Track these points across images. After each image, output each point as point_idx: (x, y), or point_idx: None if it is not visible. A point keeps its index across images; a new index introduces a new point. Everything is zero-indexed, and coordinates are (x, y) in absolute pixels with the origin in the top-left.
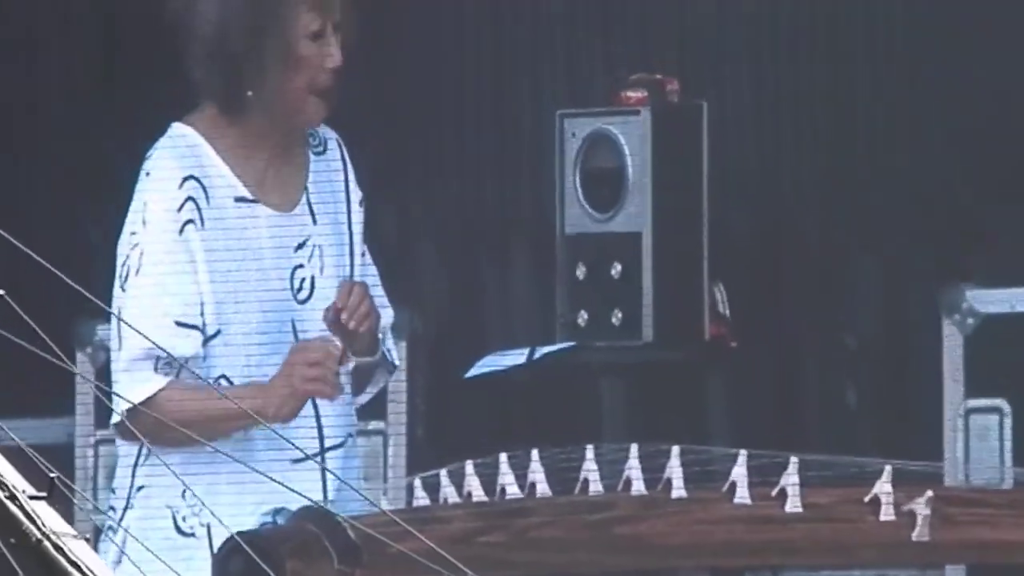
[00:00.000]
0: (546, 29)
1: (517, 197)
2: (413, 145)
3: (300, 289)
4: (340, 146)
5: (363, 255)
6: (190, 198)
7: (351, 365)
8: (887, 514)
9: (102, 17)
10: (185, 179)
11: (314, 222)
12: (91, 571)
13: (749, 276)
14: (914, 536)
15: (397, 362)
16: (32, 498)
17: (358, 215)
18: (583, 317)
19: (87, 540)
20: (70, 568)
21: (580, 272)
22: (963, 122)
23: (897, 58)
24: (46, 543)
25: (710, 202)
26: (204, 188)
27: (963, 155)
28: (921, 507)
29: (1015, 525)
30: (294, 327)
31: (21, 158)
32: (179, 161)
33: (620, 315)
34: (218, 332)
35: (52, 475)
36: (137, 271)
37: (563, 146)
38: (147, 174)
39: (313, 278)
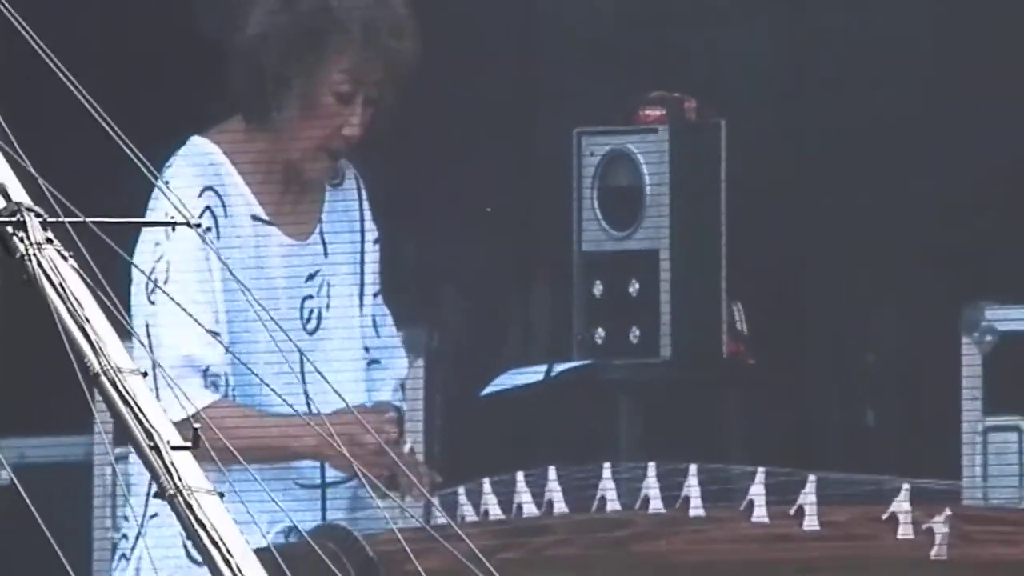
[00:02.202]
0: (565, 48)
1: (535, 215)
2: (433, 163)
3: (308, 320)
4: (358, 181)
5: (376, 296)
6: (208, 208)
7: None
8: (905, 532)
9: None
10: (204, 189)
11: (325, 254)
12: (215, 530)
13: (767, 294)
14: (932, 554)
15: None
16: (175, 448)
17: (372, 254)
18: (600, 335)
19: (221, 496)
20: (196, 526)
21: (597, 290)
22: (984, 142)
23: (917, 78)
24: (179, 498)
25: (728, 220)
26: (222, 199)
27: (983, 175)
28: (939, 525)
29: None
30: (301, 357)
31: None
32: (199, 171)
33: (638, 333)
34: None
35: (196, 426)
36: (166, 281)
37: (581, 164)
38: (166, 183)
39: (320, 311)
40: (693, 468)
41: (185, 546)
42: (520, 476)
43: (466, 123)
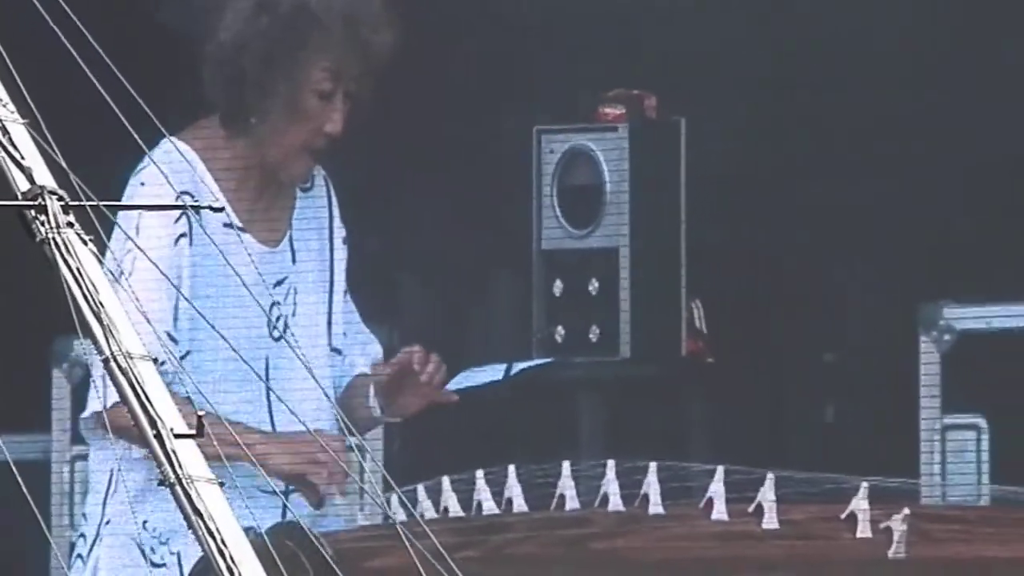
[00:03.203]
0: (525, 45)
1: (495, 213)
2: (391, 162)
3: (275, 327)
4: (327, 183)
5: (345, 293)
6: (185, 213)
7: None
8: (864, 531)
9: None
10: (181, 194)
11: (293, 261)
12: (212, 520)
13: (726, 292)
14: (890, 553)
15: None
16: (178, 436)
17: (341, 252)
18: (560, 333)
19: (221, 485)
20: (192, 515)
21: (557, 288)
22: (942, 141)
23: (877, 76)
24: (177, 487)
25: (688, 218)
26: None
27: (941, 174)
28: (898, 524)
29: (991, 542)
30: (267, 363)
31: None
32: (175, 175)
33: (597, 331)
34: (188, 352)
35: (200, 413)
36: (130, 274)
37: (541, 162)
38: (142, 184)
39: (287, 318)
40: (653, 466)
41: (141, 550)
42: (480, 474)
43: (428, 120)
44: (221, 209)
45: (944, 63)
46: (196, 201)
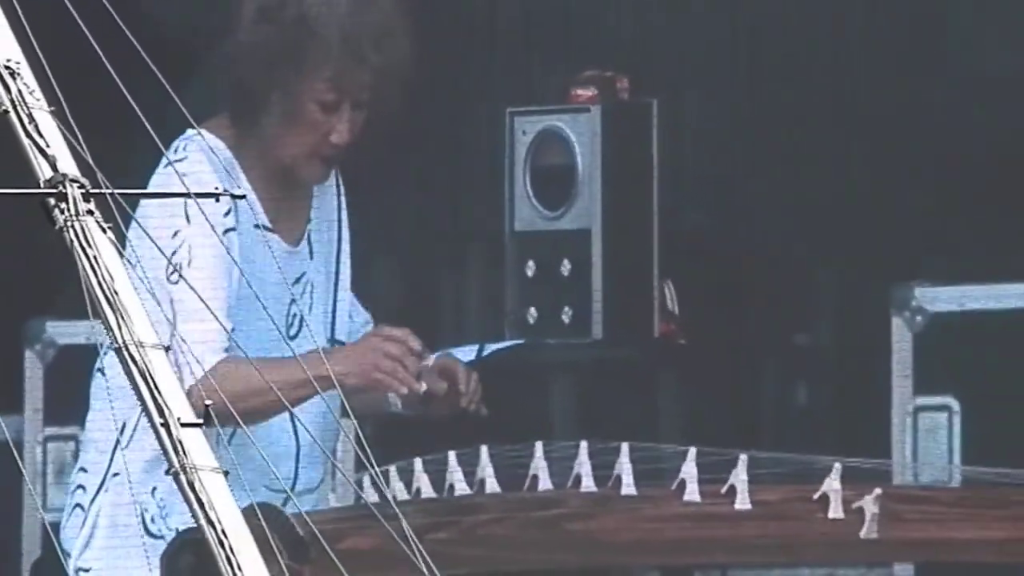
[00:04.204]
0: (497, 26)
1: (467, 194)
2: (364, 143)
3: (291, 325)
4: (337, 177)
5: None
6: (231, 209)
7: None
8: (836, 512)
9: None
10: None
11: (311, 257)
12: (213, 510)
13: (699, 274)
14: (862, 534)
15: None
16: (184, 425)
17: (348, 245)
18: (532, 314)
19: (226, 474)
20: (195, 506)
21: (530, 269)
22: (913, 121)
23: (849, 58)
24: (182, 476)
25: (660, 200)
26: (236, 205)
27: (915, 155)
28: (869, 505)
29: (963, 523)
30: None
31: None
32: (215, 168)
33: (570, 312)
34: (226, 349)
35: (208, 402)
36: (189, 263)
37: (513, 143)
38: (185, 175)
39: (303, 315)
40: (625, 447)
41: (143, 516)
42: (452, 455)
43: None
44: (243, 196)
45: (917, 47)
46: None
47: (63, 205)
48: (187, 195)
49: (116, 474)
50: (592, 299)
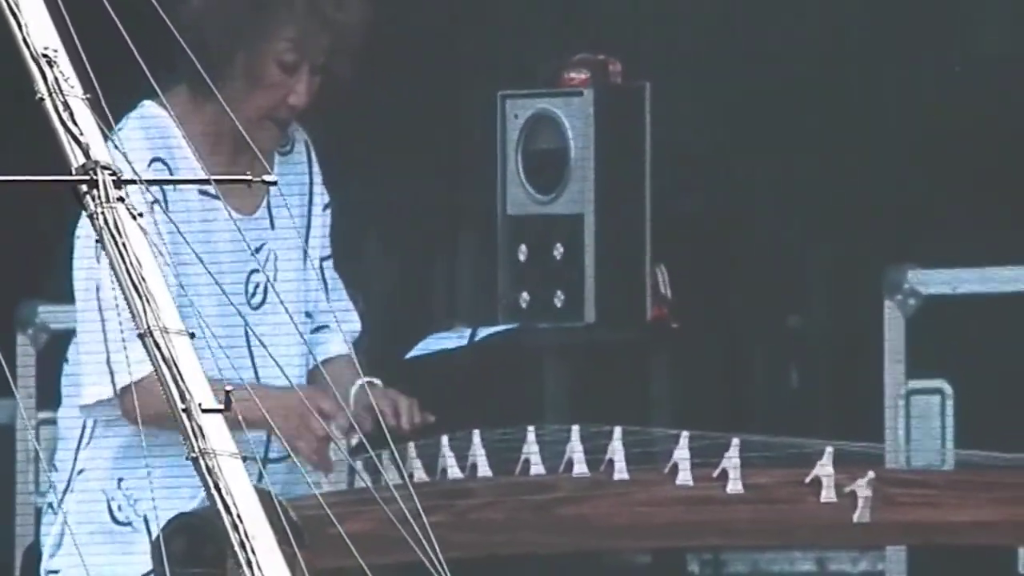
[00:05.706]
0: (490, 9)
1: (460, 178)
2: (355, 127)
3: (254, 294)
4: (308, 148)
5: (325, 260)
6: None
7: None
8: (828, 495)
9: None
10: (153, 160)
11: (272, 227)
12: (231, 496)
13: (691, 257)
14: (855, 517)
15: None
16: (206, 411)
17: (319, 219)
18: (525, 298)
19: (244, 459)
20: (212, 491)
21: (522, 253)
22: (906, 104)
23: (845, 42)
24: (201, 460)
25: (652, 183)
26: (171, 172)
27: (907, 138)
28: (862, 488)
29: (956, 506)
30: (247, 332)
31: None
32: (148, 141)
33: (562, 296)
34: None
35: (228, 388)
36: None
37: (505, 127)
38: (114, 147)
39: (266, 284)
40: (617, 431)
41: (108, 505)
42: (444, 440)
43: (391, 84)
44: (274, 182)
45: (910, 29)
46: (170, 168)
47: (94, 192)
48: (210, 180)
49: (81, 471)
50: (584, 283)
